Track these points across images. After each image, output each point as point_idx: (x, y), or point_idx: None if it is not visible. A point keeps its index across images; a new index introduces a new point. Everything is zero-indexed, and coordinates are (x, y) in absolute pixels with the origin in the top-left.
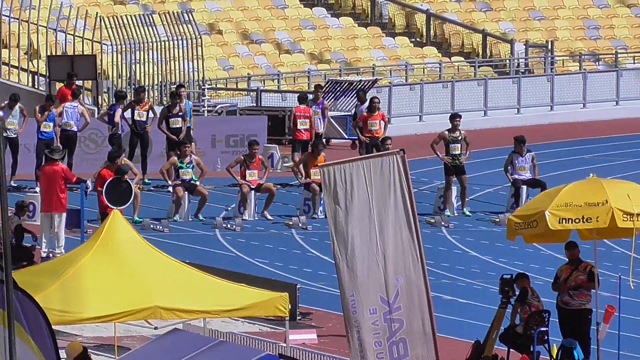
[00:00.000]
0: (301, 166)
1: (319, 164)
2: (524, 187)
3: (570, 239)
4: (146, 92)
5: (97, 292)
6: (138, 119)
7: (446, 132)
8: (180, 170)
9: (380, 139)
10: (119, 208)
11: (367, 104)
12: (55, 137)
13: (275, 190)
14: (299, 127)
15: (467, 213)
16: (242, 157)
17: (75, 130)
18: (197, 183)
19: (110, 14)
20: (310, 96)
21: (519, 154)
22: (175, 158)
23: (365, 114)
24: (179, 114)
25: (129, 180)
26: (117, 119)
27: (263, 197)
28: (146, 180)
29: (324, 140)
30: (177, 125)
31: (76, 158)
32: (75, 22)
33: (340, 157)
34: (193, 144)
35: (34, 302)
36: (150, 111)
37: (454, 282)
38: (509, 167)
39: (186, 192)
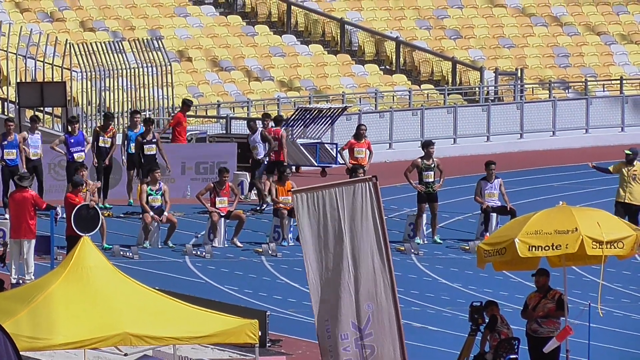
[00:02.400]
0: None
1: (291, 190)
2: (494, 215)
3: (540, 267)
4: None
5: (67, 319)
6: (102, 145)
7: (419, 160)
8: (149, 197)
9: (363, 168)
10: (87, 235)
11: (258, 133)
12: (21, 164)
13: (244, 217)
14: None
15: (438, 240)
16: (212, 185)
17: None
18: (166, 213)
19: (79, 41)
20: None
21: (487, 180)
22: (145, 186)
23: (352, 140)
24: (153, 140)
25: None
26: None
27: (233, 224)
28: (107, 205)
29: (292, 167)
30: (152, 152)
31: (45, 185)
32: (44, 49)
33: (311, 184)
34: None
35: (1, 329)
36: (113, 138)
37: (423, 309)
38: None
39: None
